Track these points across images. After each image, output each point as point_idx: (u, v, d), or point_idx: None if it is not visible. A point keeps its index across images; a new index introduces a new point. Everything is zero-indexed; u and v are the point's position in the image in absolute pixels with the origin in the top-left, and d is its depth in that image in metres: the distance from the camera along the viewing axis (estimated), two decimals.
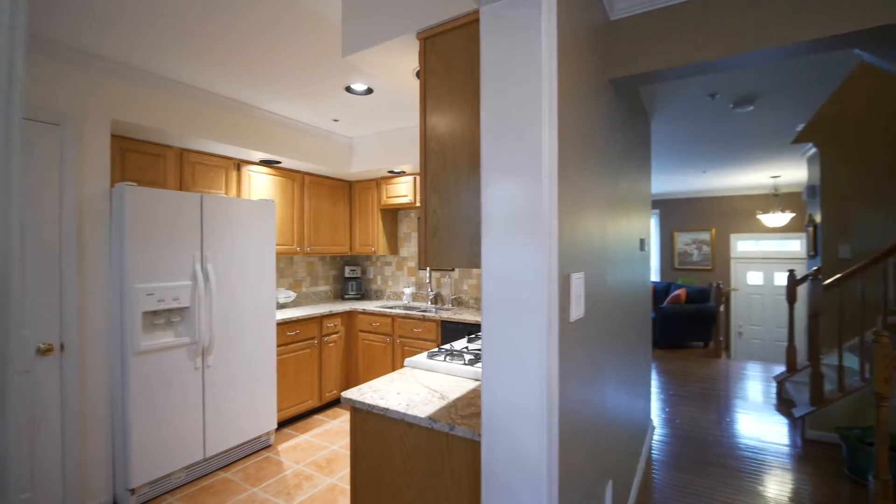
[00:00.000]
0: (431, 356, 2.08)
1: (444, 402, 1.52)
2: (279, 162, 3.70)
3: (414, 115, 3.47)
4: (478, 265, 1.33)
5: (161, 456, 2.51)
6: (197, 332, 2.68)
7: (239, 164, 3.50)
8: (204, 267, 2.73)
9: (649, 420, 3.44)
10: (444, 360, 1.98)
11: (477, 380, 1.80)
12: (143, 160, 2.90)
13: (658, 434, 3.47)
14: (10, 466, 0.60)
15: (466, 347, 2.20)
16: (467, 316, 3.56)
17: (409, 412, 1.42)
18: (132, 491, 2.40)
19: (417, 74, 1.82)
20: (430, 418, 1.37)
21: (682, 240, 8.35)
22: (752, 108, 3.19)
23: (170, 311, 2.60)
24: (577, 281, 1.29)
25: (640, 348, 2.91)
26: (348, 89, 2.85)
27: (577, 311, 1.28)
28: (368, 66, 1.75)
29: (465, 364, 1.91)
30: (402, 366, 3.78)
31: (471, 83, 1.37)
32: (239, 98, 3.09)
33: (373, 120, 3.59)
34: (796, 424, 3.63)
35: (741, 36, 1.51)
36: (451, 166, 1.39)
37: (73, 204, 2.31)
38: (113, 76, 2.50)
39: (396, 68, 1.77)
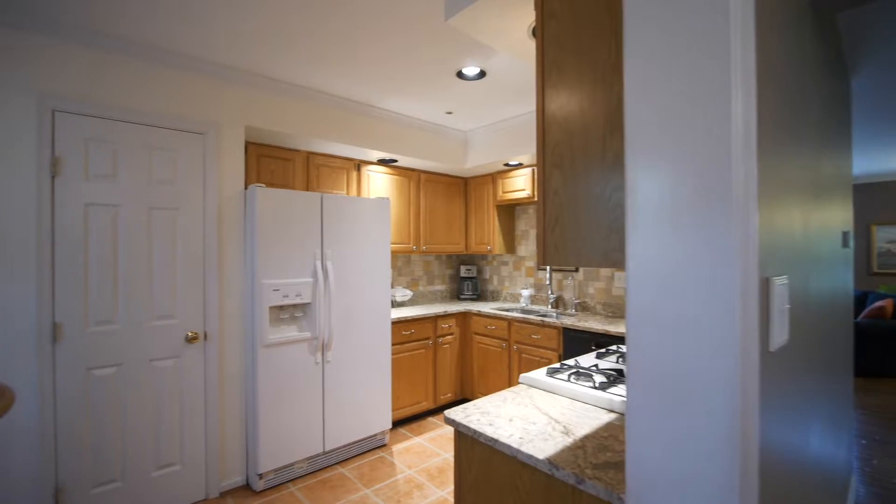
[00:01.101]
0: (552, 373, 1.75)
1: (568, 440, 1.19)
2: (396, 161, 3.70)
3: (530, 97, 3.14)
4: (617, 265, 0.98)
5: (285, 445, 2.62)
6: (317, 327, 2.75)
7: (359, 165, 3.58)
8: (324, 264, 2.80)
9: (850, 475, 2.57)
10: (569, 381, 1.64)
11: (612, 411, 1.42)
12: (275, 164, 3.10)
13: (862, 494, 2.57)
14: None
15: (595, 366, 1.82)
16: (594, 324, 3.10)
17: (524, 448, 1.13)
18: (260, 476, 2.54)
19: (534, 33, 1.51)
20: (551, 462, 1.06)
21: (884, 236, 6.44)
22: None
23: (293, 306, 2.71)
24: (781, 289, 0.86)
25: (841, 380, 2.16)
26: (460, 75, 2.66)
27: (779, 333, 0.85)
28: (476, 29, 1.50)
29: (595, 388, 1.54)
30: (517, 376, 3.48)
31: (607, 21, 1.02)
32: (357, 98, 3.13)
33: (486, 109, 3.36)
34: None
35: None
36: (580, 132, 1.06)
37: (214, 205, 2.53)
38: (244, 85, 2.69)
39: (508, 29, 1.49)
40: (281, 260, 2.61)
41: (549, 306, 3.94)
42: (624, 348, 2.23)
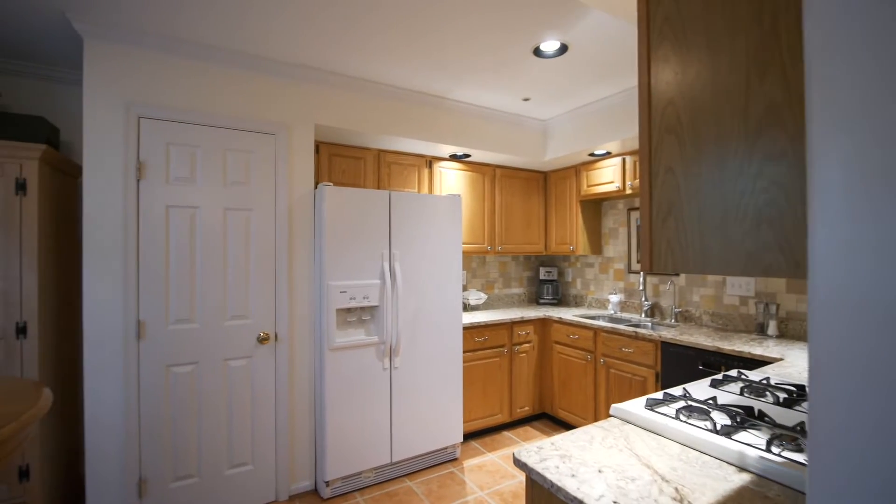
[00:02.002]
0: (653, 405, 1.39)
1: None
2: (469, 156, 3.48)
3: (619, 75, 2.72)
4: (772, 271, 0.65)
5: (353, 453, 2.52)
6: (385, 331, 2.62)
7: (430, 162, 3.42)
8: (392, 266, 2.67)
9: None
10: (677, 418, 1.28)
11: (743, 469, 1.05)
12: (346, 164, 3.05)
13: None
14: None
15: (713, 399, 1.42)
16: (700, 339, 2.60)
17: None
18: (327, 483, 2.47)
19: None
20: None
21: None
22: None
23: (361, 309, 2.61)
24: None
25: None
26: (538, 53, 2.36)
27: None
28: None
29: (717, 432, 1.17)
30: (604, 394, 3.06)
31: None
32: (427, 90, 2.96)
33: (568, 92, 3.00)
34: None
35: None
36: (707, 82, 0.74)
37: (285, 205, 2.51)
38: (313, 83, 2.64)
39: None
40: (348, 261, 2.53)
41: (643, 315, 3.45)
42: (751, 374, 1.77)
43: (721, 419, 1.29)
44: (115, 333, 2.10)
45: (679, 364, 2.63)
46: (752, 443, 1.12)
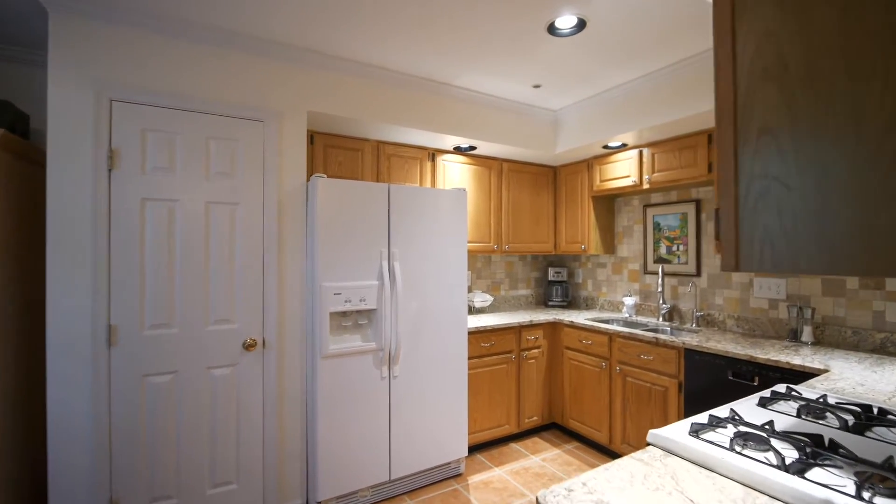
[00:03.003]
0: (698, 431, 1.17)
1: None
2: (474, 148, 3.26)
3: (640, 56, 2.49)
4: None
5: (348, 470, 2.30)
6: (383, 337, 2.41)
7: (433, 154, 3.20)
8: (391, 265, 2.45)
9: None
10: (731, 449, 1.05)
11: None
12: (343, 155, 2.84)
13: None
14: None
15: (770, 424, 1.19)
16: (729, 346, 2.37)
17: None
18: (320, 503, 2.25)
19: None
20: None
21: None
22: None
23: (357, 312, 2.40)
24: None
25: None
26: (552, 30, 2.14)
27: None
28: None
29: (786, 470, 0.94)
30: (619, 404, 2.84)
31: None
32: (430, 76, 2.75)
33: (582, 77, 2.77)
34: None
35: None
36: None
37: (274, 199, 2.30)
38: (307, 66, 2.43)
39: None
40: (343, 260, 2.31)
41: (661, 319, 3.22)
42: (804, 391, 1.54)
43: (786, 451, 1.07)
44: (83, 339, 1.89)
45: (705, 374, 2.40)
46: (833, 484, 0.90)
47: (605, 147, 3.23)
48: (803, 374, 2.01)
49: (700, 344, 2.42)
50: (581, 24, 2.07)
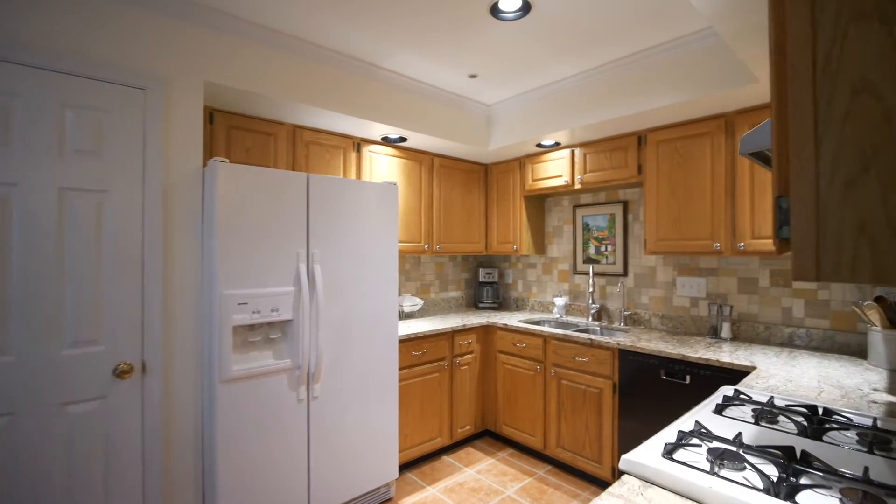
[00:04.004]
0: (671, 452, 1.05)
1: None
2: (405, 140, 3.01)
3: (587, 48, 2.43)
4: None
5: None
6: (301, 352, 2.06)
7: (359, 144, 2.89)
8: (310, 268, 2.11)
9: None
10: (714, 472, 0.94)
11: None
12: (252, 140, 2.42)
13: None
14: None
15: (739, 437, 1.09)
16: (661, 345, 2.39)
17: None
18: None
19: None
20: None
21: None
22: None
23: (269, 325, 2.02)
24: None
25: None
26: (495, 12, 1.96)
27: None
28: None
29: (776, 495, 0.84)
30: (555, 409, 2.76)
31: None
32: (357, 54, 2.44)
33: (522, 70, 2.66)
34: None
35: None
36: None
37: (159, 187, 1.84)
38: (205, 25, 2.00)
39: None
40: (251, 263, 1.92)
41: (590, 318, 3.23)
42: (755, 394, 1.50)
43: (765, 467, 0.98)
44: None
45: (639, 373, 2.39)
46: None
47: (539, 146, 3.16)
48: (732, 372, 2.06)
49: (634, 344, 2.41)
50: (526, 8, 1.92)
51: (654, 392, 2.33)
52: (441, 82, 2.82)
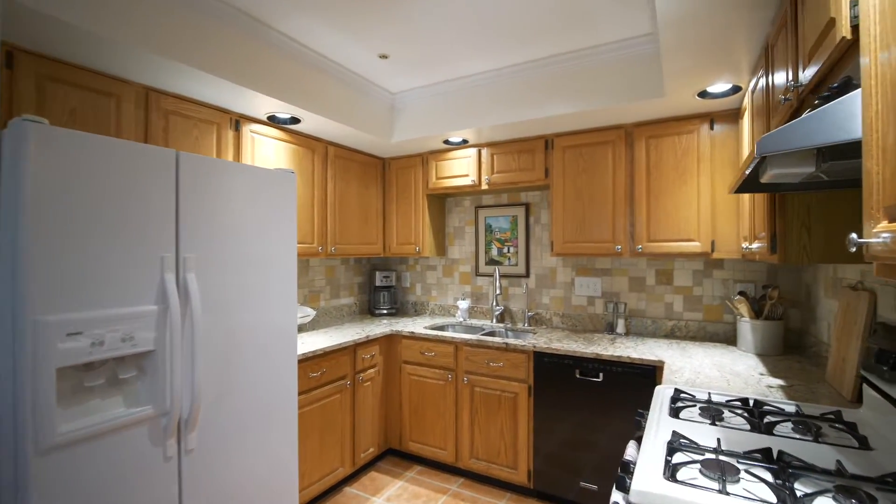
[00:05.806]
0: (676, 470, 0.96)
1: None
2: (297, 121, 2.54)
3: (504, 44, 2.33)
4: None
5: None
6: (168, 393, 1.51)
7: (238, 122, 2.33)
8: (181, 278, 1.57)
9: None
10: (724, 491, 0.87)
11: None
12: (80, 98, 1.73)
13: None
14: None
15: (718, 444, 1.06)
16: (573, 344, 2.44)
17: None
18: None
19: None
20: None
21: None
22: None
23: (118, 360, 1.43)
24: None
25: None
26: None
27: None
28: None
29: None
30: (468, 418, 2.64)
31: None
32: (244, 6, 1.94)
33: (437, 58, 2.45)
34: None
35: None
36: None
37: None
38: None
39: None
40: (88, 273, 1.33)
41: (494, 320, 3.20)
42: (697, 392, 1.53)
43: (760, 473, 0.95)
44: None
45: (554, 374, 2.40)
46: None
47: (446, 142, 3.00)
48: (641, 367, 2.18)
49: (549, 346, 2.41)
50: None
51: (569, 392, 2.36)
52: (346, 59, 2.45)
